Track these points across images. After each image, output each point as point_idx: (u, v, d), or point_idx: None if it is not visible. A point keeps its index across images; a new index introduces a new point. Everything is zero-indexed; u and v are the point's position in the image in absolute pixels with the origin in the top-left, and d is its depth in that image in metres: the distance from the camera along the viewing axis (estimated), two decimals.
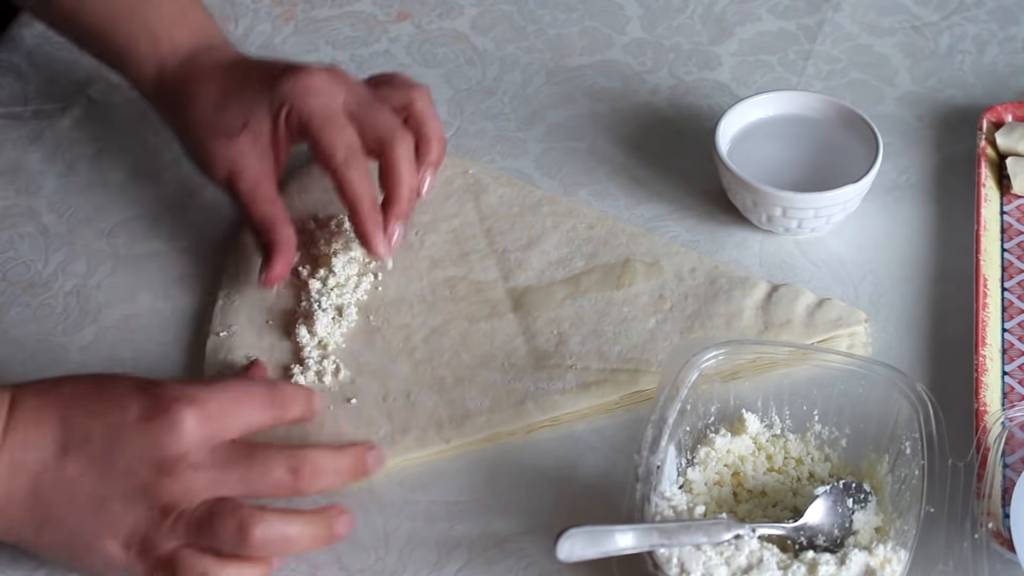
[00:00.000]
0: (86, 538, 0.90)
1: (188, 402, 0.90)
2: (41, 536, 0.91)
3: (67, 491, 0.89)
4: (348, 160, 1.05)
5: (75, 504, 0.89)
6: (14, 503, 0.89)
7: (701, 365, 0.98)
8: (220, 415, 0.91)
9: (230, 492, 0.90)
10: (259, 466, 0.91)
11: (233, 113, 1.08)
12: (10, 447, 0.89)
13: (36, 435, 0.90)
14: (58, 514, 0.90)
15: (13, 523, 0.90)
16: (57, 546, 0.91)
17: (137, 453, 0.89)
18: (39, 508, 0.90)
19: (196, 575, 0.90)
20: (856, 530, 0.93)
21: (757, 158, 1.14)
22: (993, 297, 1.07)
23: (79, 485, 0.89)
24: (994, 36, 1.30)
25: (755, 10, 1.33)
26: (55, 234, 1.17)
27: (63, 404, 0.91)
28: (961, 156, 1.19)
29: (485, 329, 1.08)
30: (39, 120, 1.25)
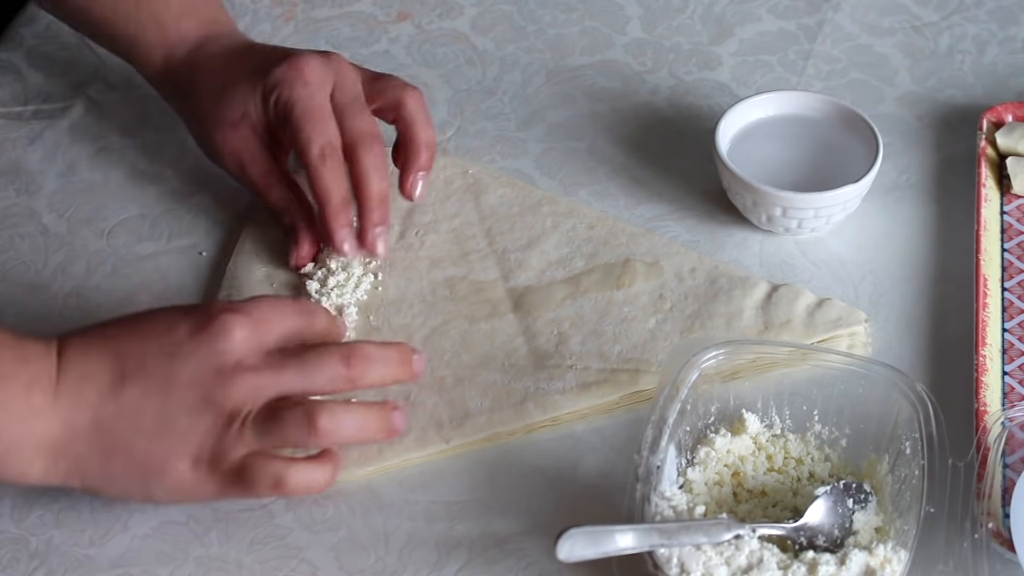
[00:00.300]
0: (155, 461, 0.91)
1: (232, 311, 0.92)
2: (108, 468, 0.91)
3: (130, 417, 0.90)
4: (323, 157, 1.06)
5: (140, 428, 0.90)
6: (78, 439, 0.90)
7: (701, 365, 0.98)
8: (263, 321, 0.93)
9: (289, 390, 0.92)
10: (312, 361, 0.93)
11: (234, 102, 1.10)
12: (66, 387, 0.90)
13: (89, 371, 0.91)
14: (124, 442, 0.90)
15: (79, 460, 0.91)
16: (126, 476, 0.91)
17: (194, 366, 0.91)
18: (103, 439, 0.90)
19: (269, 479, 0.91)
20: (856, 530, 0.93)
21: (757, 158, 1.14)
22: (993, 297, 1.07)
23: (141, 409, 0.90)
24: (994, 36, 1.30)
25: (755, 10, 1.33)
26: (55, 234, 1.17)
27: (110, 338, 0.92)
28: (961, 156, 1.19)
29: (485, 329, 1.08)
30: (39, 120, 1.26)
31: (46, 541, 0.98)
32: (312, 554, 0.97)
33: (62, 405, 0.90)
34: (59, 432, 0.90)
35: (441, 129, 1.24)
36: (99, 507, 0.99)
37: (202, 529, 0.98)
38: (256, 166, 1.10)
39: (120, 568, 0.96)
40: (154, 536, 0.98)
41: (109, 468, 0.91)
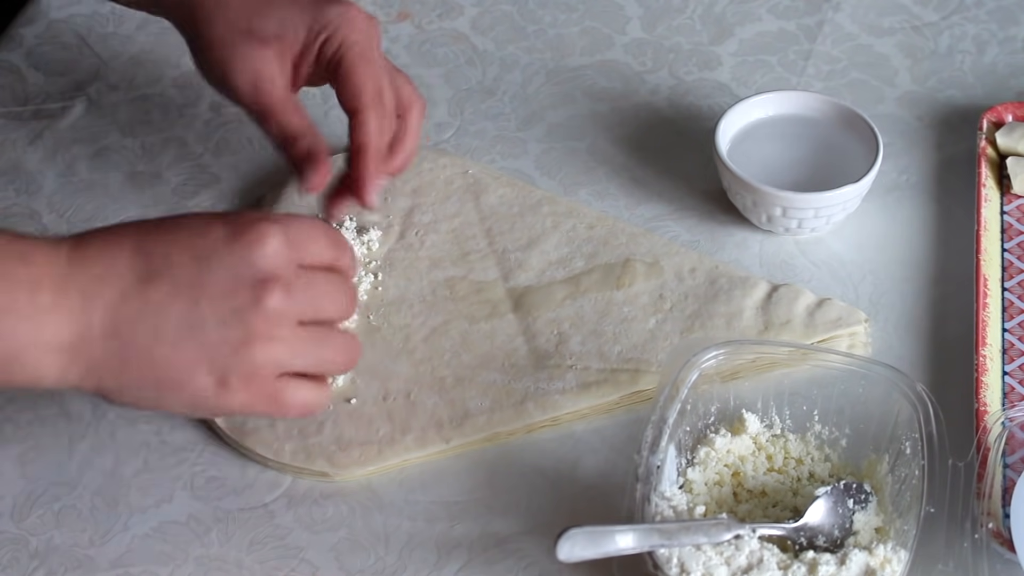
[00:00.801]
0: (176, 371, 0.86)
1: (271, 221, 0.87)
2: (125, 374, 0.86)
3: (152, 320, 0.85)
4: (375, 101, 1.02)
5: (162, 333, 0.85)
6: (92, 339, 0.85)
7: (701, 365, 0.98)
8: (299, 239, 0.88)
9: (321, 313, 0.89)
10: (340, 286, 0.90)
11: (270, 21, 1.04)
12: (80, 282, 0.85)
13: (109, 266, 0.85)
14: (143, 346, 0.85)
15: (93, 363, 0.85)
16: (142, 384, 0.86)
17: (227, 273, 0.85)
18: (122, 341, 0.85)
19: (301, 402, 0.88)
20: (856, 530, 0.93)
21: (757, 158, 1.14)
22: (993, 297, 1.07)
23: (166, 312, 0.85)
24: (994, 36, 1.30)
25: (755, 10, 1.33)
26: (55, 234, 1.17)
27: (135, 236, 0.87)
28: (961, 156, 1.19)
29: (485, 329, 1.08)
30: (39, 120, 1.25)
31: (46, 541, 0.98)
32: (312, 554, 0.97)
33: (73, 304, 0.84)
34: (71, 333, 0.84)
35: (441, 129, 1.24)
36: (99, 507, 0.99)
37: (202, 529, 0.98)
38: (275, 87, 1.04)
39: (120, 568, 0.96)
40: (154, 536, 0.98)
41: (125, 374, 0.86)
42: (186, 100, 1.26)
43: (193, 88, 1.27)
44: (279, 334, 0.87)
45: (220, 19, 1.05)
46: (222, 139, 1.23)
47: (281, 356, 0.87)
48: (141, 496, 1.00)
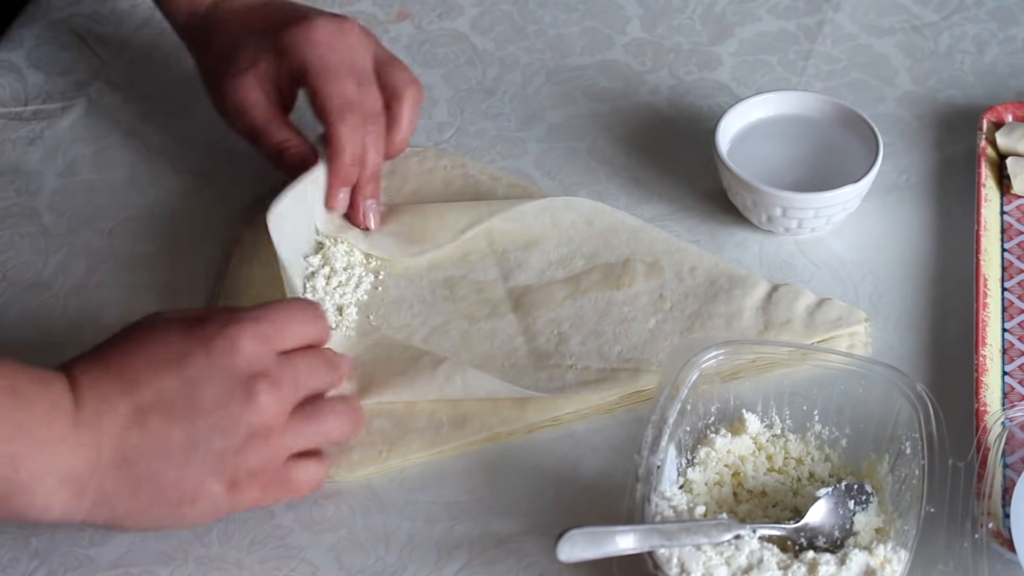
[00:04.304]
0: (187, 487, 0.89)
1: (238, 322, 0.91)
2: (137, 499, 0.89)
3: (157, 445, 0.88)
4: (342, 112, 1.07)
5: (169, 456, 0.89)
6: (103, 471, 0.88)
7: (701, 365, 0.98)
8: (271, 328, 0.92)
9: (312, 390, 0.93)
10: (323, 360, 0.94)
11: (244, 54, 1.11)
12: (85, 419, 0.88)
13: (105, 404, 0.88)
14: (152, 470, 0.88)
15: (104, 493, 0.88)
16: (155, 505, 0.90)
17: (216, 388, 0.89)
18: (130, 469, 0.88)
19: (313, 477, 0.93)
20: (857, 531, 0.93)
21: (757, 158, 1.14)
22: (993, 297, 1.07)
23: (168, 437, 0.88)
24: (994, 36, 1.30)
25: (755, 10, 1.33)
26: (55, 234, 1.17)
27: (118, 369, 0.90)
28: (961, 156, 1.19)
29: (485, 329, 1.08)
30: (39, 120, 1.26)
31: (46, 541, 0.98)
32: (312, 554, 0.97)
33: (83, 436, 0.88)
34: (83, 464, 0.87)
35: (441, 129, 1.24)
36: None
37: (202, 529, 0.98)
38: (257, 110, 1.11)
39: (120, 568, 0.96)
40: (154, 536, 0.98)
41: (137, 500, 0.89)
42: (186, 100, 1.26)
43: (193, 88, 1.27)
44: (276, 424, 0.91)
45: (207, 56, 1.15)
46: (222, 139, 1.23)
47: (283, 443, 0.91)
48: None
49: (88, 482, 0.88)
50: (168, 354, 0.90)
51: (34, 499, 0.87)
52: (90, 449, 0.88)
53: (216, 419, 0.89)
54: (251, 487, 0.91)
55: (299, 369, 0.92)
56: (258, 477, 0.91)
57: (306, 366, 0.93)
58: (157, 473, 0.89)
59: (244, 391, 0.90)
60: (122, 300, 1.12)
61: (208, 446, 0.89)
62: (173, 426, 0.89)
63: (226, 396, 0.89)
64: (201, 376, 0.89)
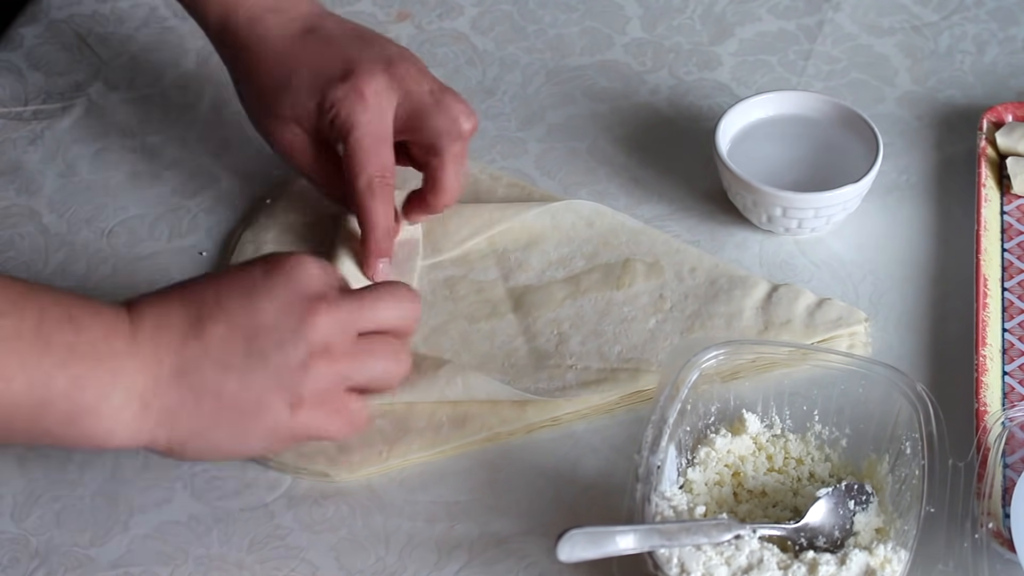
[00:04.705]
0: (249, 400, 0.88)
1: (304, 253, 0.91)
2: (200, 412, 0.88)
3: (216, 356, 0.87)
4: (370, 187, 1.05)
5: (228, 366, 0.87)
6: (164, 386, 0.87)
7: (701, 365, 0.98)
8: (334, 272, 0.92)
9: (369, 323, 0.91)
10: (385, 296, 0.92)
11: (288, 101, 1.08)
12: (143, 335, 0.87)
13: (164, 319, 0.88)
14: (213, 383, 0.87)
15: (167, 408, 0.87)
16: (218, 421, 0.88)
17: (276, 300, 0.88)
18: (192, 382, 0.87)
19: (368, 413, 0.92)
20: (857, 531, 0.93)
21: (757, 158, 1.14)
22: (993, 297, 1.07)
23: (228, 346, 0.88)
24: (994, 36, 1.30)
25: (755, 10, 1.33)
26: (55, 234, 1.17)
27: (181, 289, 0.90)
28: (961, 156, 1.19)
29: (485, 329, 1.08)
30: (39, 120, 1.25)
31: (46, 541, 0.98)
32: (312, 554, 0.97)
33: (143, 351, 0.86)
34: (145, 378, 0.86)
35: None
36: (99, 507, 0.99)
37: (202, 529, 0.98)
38: (305, 158, 1.09)
39: (120, 568, 0.96)
40: (154, 536, 0.98)
41: (200, 414, 0.87)
42: (186, 100, 1.26)
43: (193, 88, 1.27)
44: (336, 347, 0.89)
45: (251, 85, 1.10)
46: (222, 139, 1.23)
47: (344, 369, 0.90)
48: (141, 496, 1.00)
49: (151, 397, 0.87)
50: (232, 273, 0.91)
51: (99, 420, 0.86)
52: (151, 363, 0.87)
53: (275, 333, 0.88)
54: (313, 409, 0.89)
55: (364, 299, 0.91)
56: (318, 402, 0.89)
57: (372, 297, 0.92)
58: (218, 383, 0.87)
59: (303, 309, 0.88)
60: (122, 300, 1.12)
61: (268, 360, 0.88)
62: (232, 336, 0.88)
63: (285, 312, 0.88)
64: (263, 290, 0.89)
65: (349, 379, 0.90)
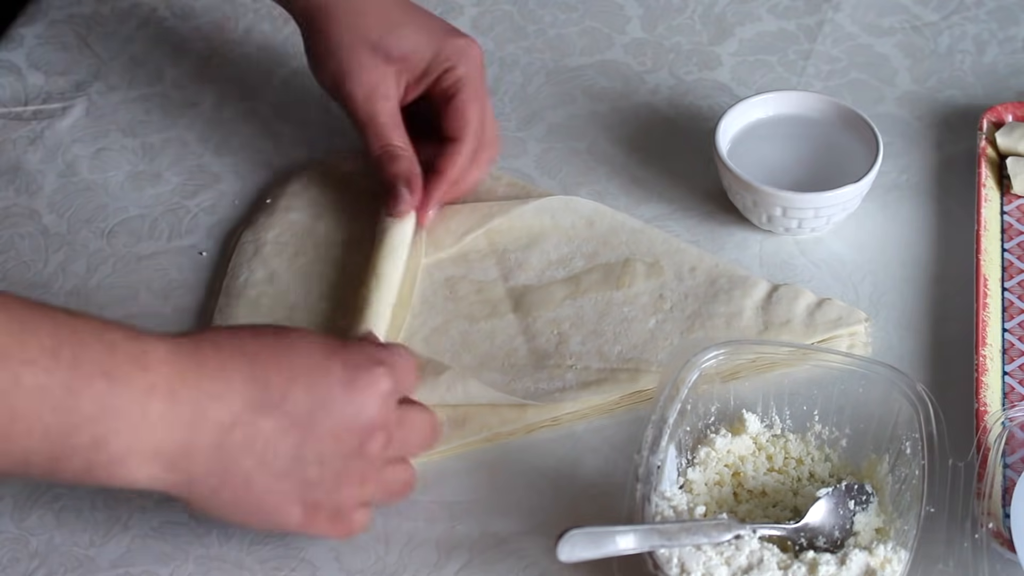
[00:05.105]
0: (272, 501, 0.88)
1: (381, 364, 0.89)
2: (220, 494, 0.87)
3: (260, 450, 0.86)
4: (475, 136, 1.10)
5: (267, 465, 0.86)
6: (196, 457, 0.85)
7: (701, 365, 0.98)
8: (402, 377, 0.91)
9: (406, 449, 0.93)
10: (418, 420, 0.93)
11: (400, 40, 1.10)
12: (193, 394, 0.85)
13: (224, 387, 0.85)
14: (246, 473, 0.86)
15: (191, 476, 0.86)
16: (234, 506, 0.88)
17: (339, 419, 0.87)
18: (225, 464, 0.86)
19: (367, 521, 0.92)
20: (857, 531, 0.93)
21: (757, 158, 1.14)
22: (993, 297, 1.07)
23: (274, 447, 0.86)
24: (994, 36, 1.30)
25: (755, 10, 1.33)
26: (55, 234, 1.17)
27: (250, 359, 0.87)
28: (961, 156, 1.19)
29: (485, 329, 1.08)
30: (39, 120, 1.25)
31: (46, 541, 0.98)
32: (312, 554, 0.97)
33: (183, 417, 0.84)
34: (176, 443, 0.85)
35: None
36: (99, 507, 0.99)
37: (202, 529, 0.98)
38: (389, 103, 1.11)
39: (120, 568, 0.96)
40: (154, 536, 0.98)
41: (220, 494, 0.87)
42: (186, 100, 1.26)
43: (193, 88, 1.27)
44: (371, 476, 0.90)
45: (351, 27, 1.11)
46: (222, 139, 1.23)
47: (367, 494, 0.91)
48: (141, 496, 1.00)
49: (179, 460, 0.85)
50: (308, 363, 0.88)
51: (120, 470, 0.85)
52: (187, 430, 0.85)
53: (323, 449, 0.88)
54: (322, 522, 0.90)
55: (408, 429, 0.92)
56: (334, 517, 0.90)
57: (412, 426, 0.92)
58: (248, 476, 0.87)
59: (360, 438, 0.88)
60: (122, 300, 1.12)
61: (305, 471, 0.88)
62: (284, 438, 0.87)
63: (344, 433, 0.88)
64: (332, 402, 0.87)
65: (363, 499, 0.91)
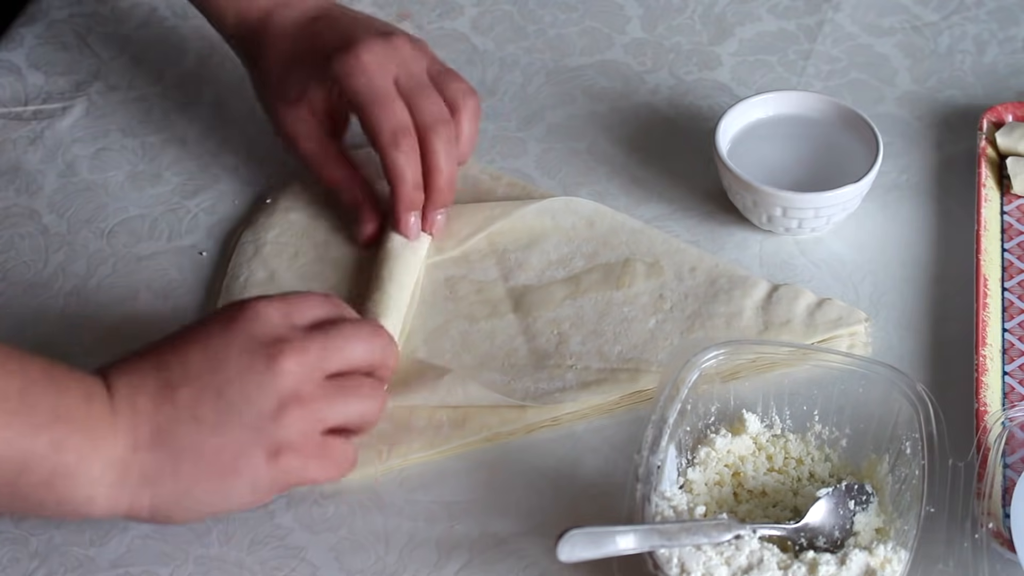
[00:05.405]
0: (227, 457, 0.88)
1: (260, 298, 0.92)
2: (180, 474, 0.88)
3: (189, 417, 0.88)
4: (394, 140, 1.07)
5: (202, 425, 0.88)
6: (143, 450, 0.88)
7: (701, 365, 0.98)
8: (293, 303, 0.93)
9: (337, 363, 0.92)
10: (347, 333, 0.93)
11: (293, 81, 1.11)
12: (121, 405, 0.88)
13: (136, 387, 0.89)
14: (190, 443, 0.88)
15: (147, 474, 0.88)
16: (198, 479, 0.89)
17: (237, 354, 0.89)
18: (168, 443, 0.88)
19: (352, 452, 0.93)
20: (857, 531, 0.93)
21: (757, 158, 1.14)
22: (993, 297, 1.07)
23: (198, 406, 0.88)
24: (994, 36, 1.30)
25: (755, 10, 1.33)
26: (55, 234, 1.17)
27: (148, 355, 0.91)
28: (961, 156, 1.19)
29: (485, 329, 1.08)
30: (39, 120, 1.25)
31: (46, 541, 0.98)
32: (312, 554, 0.97)
33: (121, 419, 0.88)
34: (123, 446, 0.87)
35: None
36: None
37: (202, 529, 0.98)
38: (310, 144, 1.12)
39: (120, 568, 0.96)
40: (154, 536, 0.98)
41: (179, 475, 0.88)
42: (186, 100, 1.26)
43: (193, 88, 1.27)
44: (306, 392, 0.90)
45: (261, 84, 1.14)
46: (222, 139, 1.23)
47: (317, 412, 0.90)
48: None
49: (131, 463, 0.87)
50: (192, 332, 0.91)
51: (78, 485, 0.87)
52: (128, 429, 0.88)
53: (242, 386, 0.88)
54: (292, 457, 0.89)
55: (331, 339, 0.92)
56: (297, 448, 0.89)
57: (340, 336, 0.92)
58: (193, 442, 0.88)
59: (267, 356, 0.89)
60: (122, 300, 1.12)
61: (240, 413, 0.88)
62: (200, 395, 0.88)
63: (248, 363, 0.89)
64: (222, 345, 0.89)
65: (324, 421, 0.91)
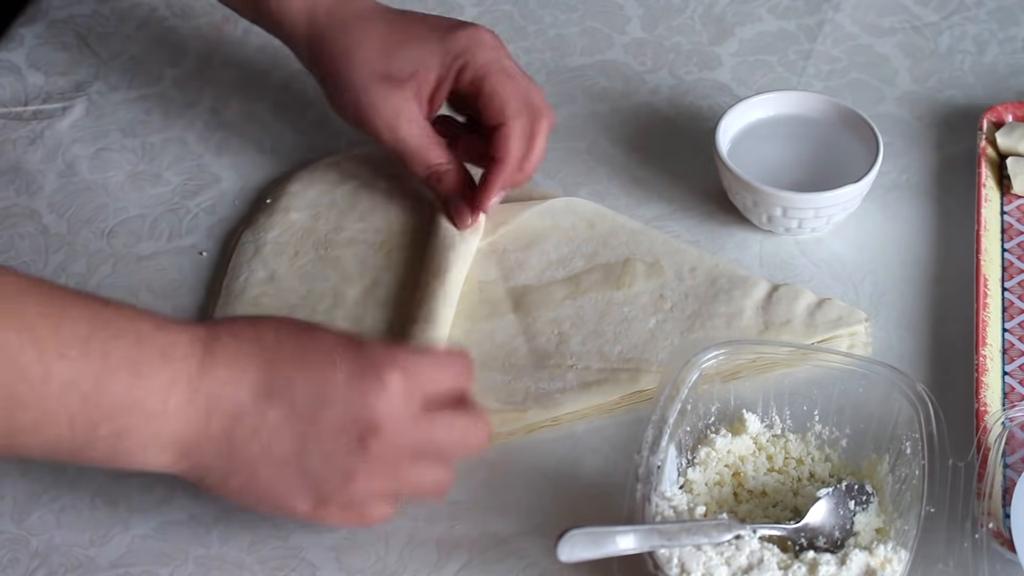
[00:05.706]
0: (276, 492, 0.89)
1: (392, 365, 0.88)
2: (228, 481, 0.89)
3: (265, 439, 0.87)
4: (520, 113, 1.08)
5: (271, 455, 0.88)
6: (207, 446, 0.87)
7: (701, 365, 0.98)
8: (417, 378, 0.90)
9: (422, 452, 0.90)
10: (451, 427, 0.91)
11: (403, 61, 1.09)
12: (209, 384, 0.87)
13: (237, 375, 0.87)
14: (251, 461, 0.88)
15: (201, 464, 0.88)
16: (241, 492, 0.90)
17: (342, 412, 0.88)
18: (233, 452, 0.88)
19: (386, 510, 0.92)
20: (857, 531, 0.93)
21: (757, 158, 1.14)
22: (993, 297, 1.07)
23: (278, 435, 0.87)
24: (994, 36, 1.30)
25: (755, 10, 1.33)
26: (55, 234, 1.17)
27: (265, 348, 0.88)
28: (961, 156, 1.19)
29: (485, 329, 1.08)
30: (39, 120, 1.25)
31: (46, 541, 0.98)
32: (312, 554, 0.97)
33: (199, 410, 0.87)
34: (189, 434, 0.87)
35: None
36: (99, 507, 0.99)
37: (202, 529, 0.98)
38: (415, 125, 1.09)
39: (120, 568, 0.96)
40: (154, 536, 0.98)
41: (229, 481, 0.89)
42: (186, 100, 1.26)
43: (193, 88, 1.27)
44: (383, 474, 0.89)
45: (356, 63, 1.10)
46: (222, 139, 1.23)
47: (381, 490, 0.90)
48: (141, 496, 1.00)
49: (192, 449, 0.87)
50: (317, 356, 0.89)
51: (135, 457, 0.87)
52: (200, 422, 0.87)
53: (326, 443, 0.88)
54: (334, 514, 0.90)
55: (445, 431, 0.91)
56: (346, 508, 0.90)
57: (449, 429, 0.91)
58: (253, 465, 0.88)
59: (361, 435, 0.88)
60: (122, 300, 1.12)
61: (308, 463, 0.88)
62: (286, 427, 0.87)
63: (346, 428, 0.88)
64: (335, 394, 0.88)
65: (383, 494, 0.91)
